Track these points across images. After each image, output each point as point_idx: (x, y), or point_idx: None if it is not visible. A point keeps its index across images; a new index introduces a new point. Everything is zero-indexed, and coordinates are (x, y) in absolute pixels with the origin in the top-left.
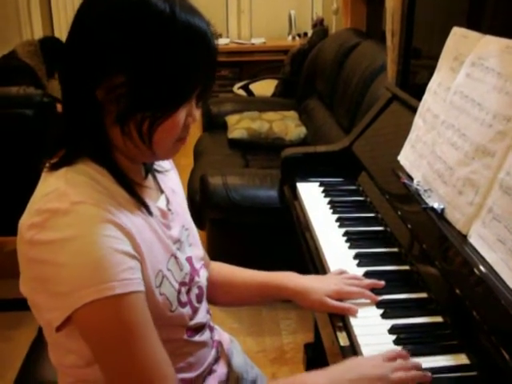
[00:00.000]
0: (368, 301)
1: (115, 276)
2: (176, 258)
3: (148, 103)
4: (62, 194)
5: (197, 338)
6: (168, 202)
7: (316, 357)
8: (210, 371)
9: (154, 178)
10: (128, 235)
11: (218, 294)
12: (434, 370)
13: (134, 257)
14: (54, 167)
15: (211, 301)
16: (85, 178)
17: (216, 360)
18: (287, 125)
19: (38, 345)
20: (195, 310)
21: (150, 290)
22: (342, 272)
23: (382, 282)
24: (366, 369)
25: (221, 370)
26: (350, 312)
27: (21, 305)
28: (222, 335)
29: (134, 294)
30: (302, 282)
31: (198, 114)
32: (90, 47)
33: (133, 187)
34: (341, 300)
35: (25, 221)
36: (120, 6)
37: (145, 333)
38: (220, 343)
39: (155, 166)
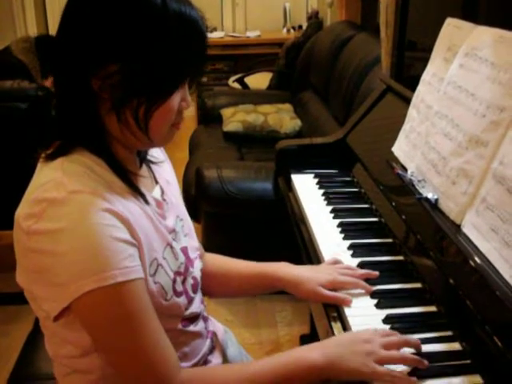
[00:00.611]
0: (362, 291)
1: (116, 264)
2: (172, 247)
3: (143, 89)
4: (59, 184)
5: (191, 327)
6: (163, 192)
7: None
8: (204, 361)
9: (149, 168)
10: (125, 222)
11: (212, 285)
12: (428, 359)
13: (132, 244)
14: (50, 158)
15: (206, 292)
16: (81, 168)
17: (211, 350)
18: (282, 117)
19: (34, 338)
20: (190, 300)
21: (145, 277)
22: (336, 261)
23: (376, 272)
24: (358, 343)
25: (216, 360)
26: (345, 302)
27: (17, 299)
28: (216, 326)
29: (135, 281)
30: (296, 272)
31: (190, 98)
32: (83, 38)
33: (128, 176)
34: (335, 290)
35: (21, 211)
36: None
37: (146, 319)
38: (214, 334)
39: (149, 157)
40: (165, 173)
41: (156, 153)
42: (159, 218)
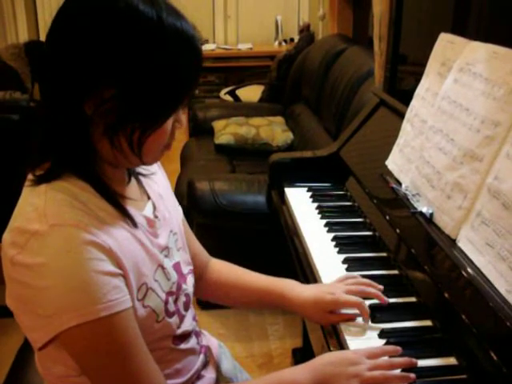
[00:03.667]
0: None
1: (99, 299)
2: (163, 268)
3: (139, 115)
4: (41, 215)
5: (182, 345)
6: (155, 208)
7: (304, 362)
8: (198, 377)
9: (139, 182)
10: (109, 253)
11: (219, 294)
12: (423, 374)
13: (117, 274)
14: (36, 182)
15: (211, 298)
16: (64, 196)
17: (204, 365)
18: (274, 130)
19: (25, 352)
20: (182, 319)
21: (131, 305)
22: (347, 277)
23: (381, 286)
24: (345, 365)
25: (209, 375)
26: (351, 319)
27: (8, 311)
28: (209, 340)
29: (120, 314)
30: (303, 295)
31: (184, 118)
32: (76, 61)
33: (117, 200)
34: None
35: (6, 237)
36: (105, 15)
37: (134, 349)
38: (208, 348)
39: (140, 170)
40: (156, 185)
41: None
42: (151, 237)
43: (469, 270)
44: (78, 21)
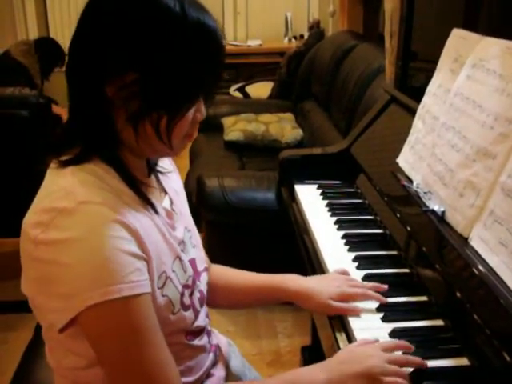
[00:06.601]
0: (368, 304)
1: (122, 278)
2: (180, 259)
3: (162, 102)
4: (69, 193)
5: (196, 341)
6: (172, 202)
7: (313, 360)
8: (208, 375)
9: (157, 178)
10: (135, 235)
11: (218, 298)
12: (435, 375)
13: (140, 257)
14: (61, 165)
15: (212, 303)
16: (91, 177)
17: (214, 364)
18: (283, 127)
19: (34, 347)
20: (197, 314)
21: (152, 290)
22: (344, 272)
23: (385, 286)
24: (361, 359)
25: (219, 373)
26: (355, 312)
27: (17, 307)
28: (219, 339)
29: (141, 296)
30: (305, 285)
31: (204, 109)
32: (99, 44)
33: (139, 186)
34: (344, 301)
35: (29, 219)
36: (130, 3)
37: (150, 335)
38: (218, 347)
39: (158, 167)
40: (173, 183)
41: (165, 163)
42: (169, 228)
43: (481, 268)
44: (104, 6)
